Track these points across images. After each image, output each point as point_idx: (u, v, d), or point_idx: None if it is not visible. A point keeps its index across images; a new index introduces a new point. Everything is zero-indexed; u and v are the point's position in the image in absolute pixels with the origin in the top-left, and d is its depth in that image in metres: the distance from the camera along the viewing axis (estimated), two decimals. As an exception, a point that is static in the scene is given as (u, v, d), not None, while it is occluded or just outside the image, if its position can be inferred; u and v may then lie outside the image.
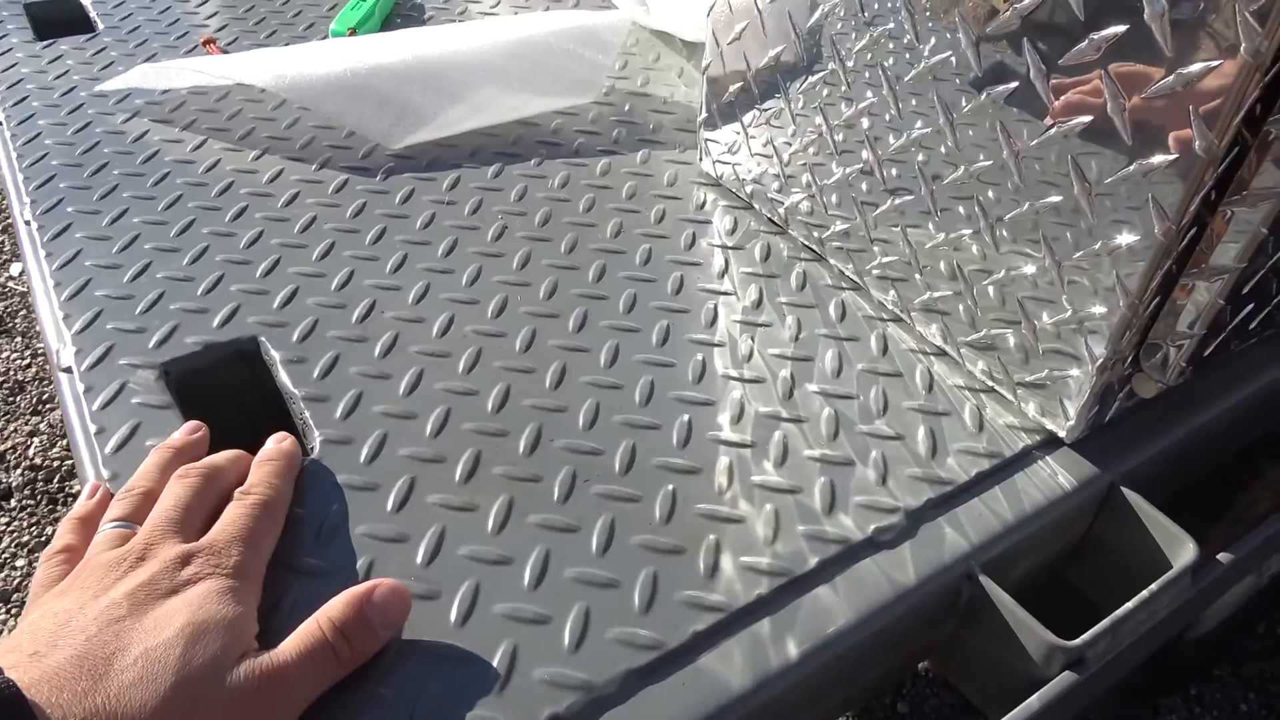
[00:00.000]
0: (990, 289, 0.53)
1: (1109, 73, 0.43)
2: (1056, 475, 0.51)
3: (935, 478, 0.51)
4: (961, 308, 0.56)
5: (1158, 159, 0.42)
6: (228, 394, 0.59)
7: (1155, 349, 0.50)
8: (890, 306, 0.62)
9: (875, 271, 0.61)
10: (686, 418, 0.54)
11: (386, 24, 0.98)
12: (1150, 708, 1.55)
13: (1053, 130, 0.46)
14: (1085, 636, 0.44)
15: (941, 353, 0.59)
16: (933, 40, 0.50)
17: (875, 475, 0.51)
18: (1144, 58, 0.41)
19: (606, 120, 0.82)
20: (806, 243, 0.67)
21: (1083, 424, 0.52)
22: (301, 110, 0.81)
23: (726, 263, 0.66)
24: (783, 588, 0.45)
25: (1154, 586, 0.47)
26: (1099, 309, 0.47)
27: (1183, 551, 0.48)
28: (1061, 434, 0.53)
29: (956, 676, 0.53)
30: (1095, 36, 0.42)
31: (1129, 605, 0.46)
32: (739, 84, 0.66)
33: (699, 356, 0.58)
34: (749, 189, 0.70)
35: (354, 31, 0.93)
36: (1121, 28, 0.41)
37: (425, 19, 0.98)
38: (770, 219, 0.70)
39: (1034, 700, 0.43)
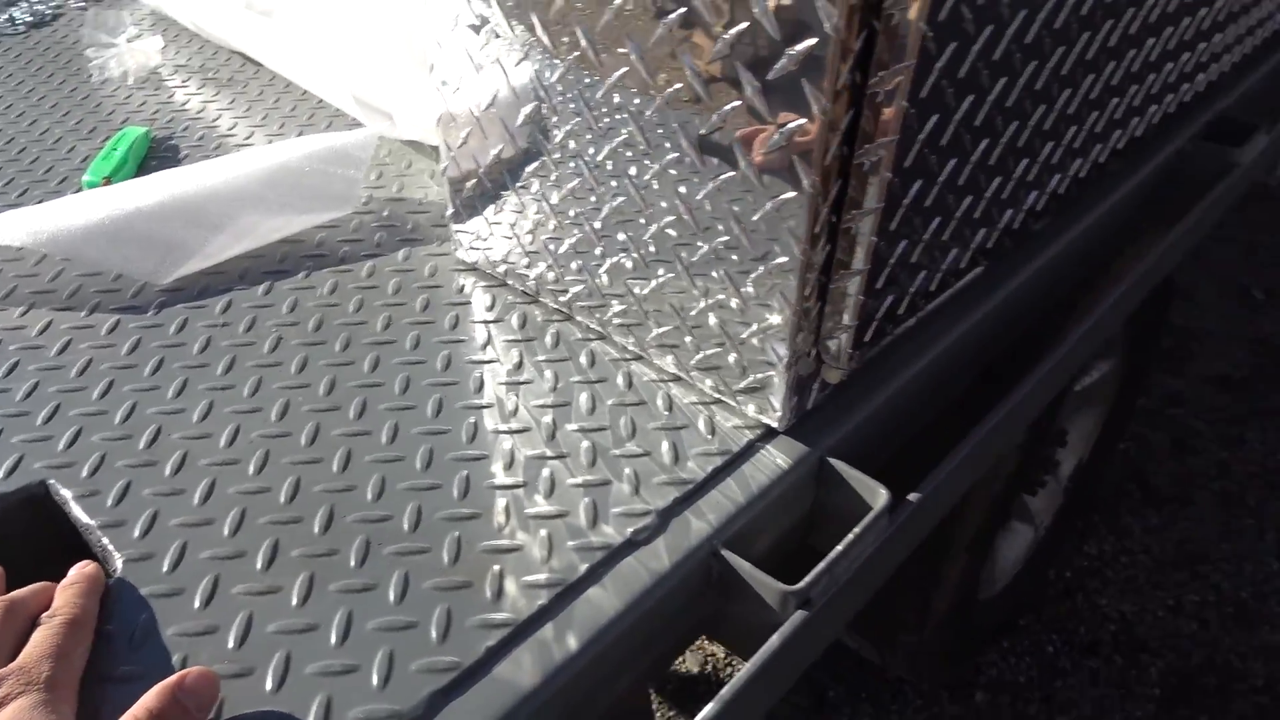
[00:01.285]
0: (706, 318, 0.64)
1: (737, 138, 0.54)
2: (775, 459, 0.62)
3: (679, 480, 0.60)
4: (687, 339, 0.66)
5: (785, 196, 0.54)
6: (22, 539, 0.61)
7: (829, 343, 0.62)
8: (631, 348, 0.72)
9: (615, 321, 0.71)
10: (465, 473, 0.61)
11: (143, 168, 1.01)
12: (973, 667, 1.72)
13: (710, 185, 0.57)
14: (807, 579, 0.54)
15: (677, 378, 0.69)
16: (613, 122, 0.61)
17: (629, 488, 0.60)
18: (757, 121, 0.53)
19: (368, 227, 0.90)
20: (556, 306, 0.77)
21: (789, 414, 0.63)
22: (64, 261, 0.84)
23: (489, 335, 0.74)
24: (560, 595, 0.53)
25: (857, 529, 0.58)
26: (775, 319, 0.59)
27: (878, 498, 0.60)
28: (775, 425, 0.64)
29: (727, 641, 0.62)
30: (791, 52, 0.53)
31: (839, 547, 0.57)
32: (474, 180, 0.76)
33: (471, 419, 0.66)
34: (501, 268, 0.79)
35: (109, 180, 0.96)
36: (812, 40, 0.52)
37: (181, 158, 1.03)
38: (523, 291, 0.79)
39: (775, 638, 0.53)
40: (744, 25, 0.50)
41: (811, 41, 0.48)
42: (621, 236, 0.66)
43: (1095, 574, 1.88)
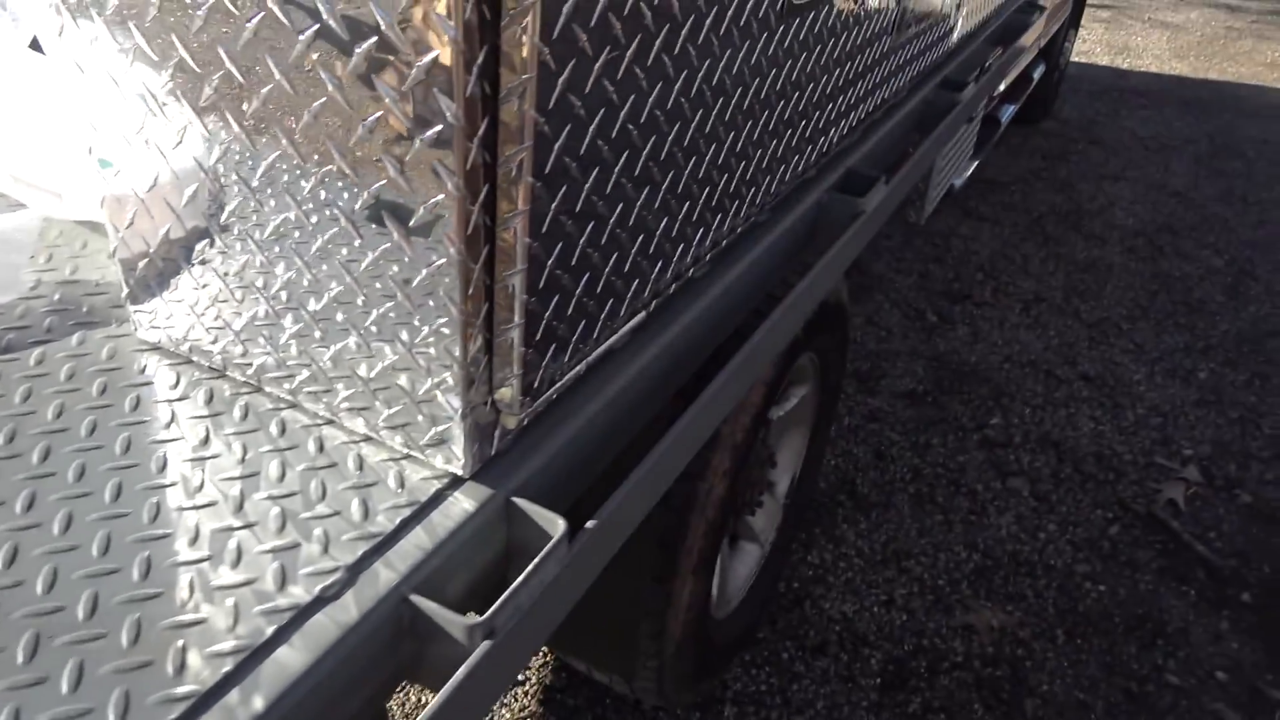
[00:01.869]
0: (388, 378, 0.68)
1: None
2: (462, 504, 0.67)
3: (368, 534, 0.63)
4: (377, 401, 0.70)
5: (437, 262, 0.59)
6: None
7: (501, 392, 0.68)
8: (322, 413, 0.74)
9: (305, 389, 0.73)
10: (146, 554, 0.61)
11: None
12: (720, 685, 1.83)
13: (370, 255, 0.62)
14: (489, 611, 0.59)
15: (368, 438, 0.72)
16: (276, 199, 0.64)
17: (319, 548, 0.62)
18: (405, 196, 0.58)
19: (37, 312, 0.85)
20: (244, 379, 0.77)
21: (472, 460, 0.68)
22: None
23: (173, 414, 0.74)
24: (245, 660, 0.54)
25: (537, 558, 0.63)
26: (447, 375, 0.64)
27: (556, 528, 0.66)
28: (460, 472, 0.69)
29: (425, 681, 0.66)
30: (421, 137, 0.59)
31: (520, 577, 0.62)
32: (146, 260, 0.75)
33: (153, 500, 0.65)
34: (185, 345, 0.79)
35: None
36: (439, 127, 0.58)
37: None
38: (210, 366, 0.79)
39: (460, 670, 0.57)
40: (378, 114, 0.55)
41: (439, 128, 0.54)
42: (298, 307, 0.68)
43: (819, 580, 2.07)
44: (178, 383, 0.77)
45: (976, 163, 2.83)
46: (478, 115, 0.54)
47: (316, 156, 0.59)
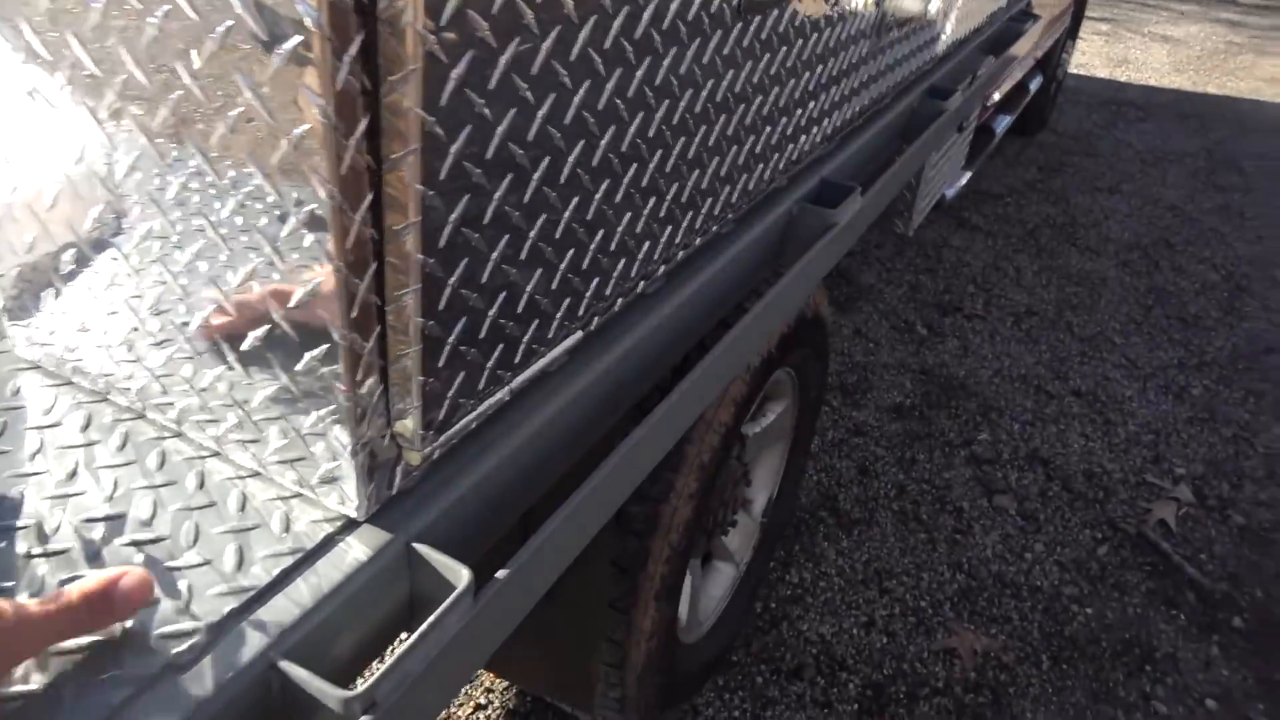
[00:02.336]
0: (273, 408, 0.60)
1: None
2: (352, 552, 0.59)
3: (239, 588, 0.56)
4: (267, 432, 0.62)
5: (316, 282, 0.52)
6: None
7: (401, 425, 0.60)
8: (210, 444, 0.66)
9: (190, 417, 0.66)
10: (-19, 610, 0.53)
11: None
12: (690, 710, 1.76)
13: (243, 269, 0.54)
14: (370, 681, 0.52)
15: (257, 474, 0.65)
16: (143, 210, 0.57)
17: (179, 604, 0.55)
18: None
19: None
20: (128, 404, 0.70)
21: (367, 501, 0.60)
22: None
23: (41, 442, 0.66)
24: (69, 746, 0.47)
25: (432, 617, 0.56)
26: (333, 406, 0.56)
27: (459, 579, 0.59)
28: (354, 515, 0.61)
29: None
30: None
31: (410, 640, 0.54)
32: (23, 272, 0.68)
33: (1, 544, 0.58)
34: (67, 366, 0.71)
35: None
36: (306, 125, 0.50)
37: None
38: (91, 389, 0.71)
39: (329, 752, 0.50)
40: (239, 111, 0.48)
41: (305, 126, 0.46)
42: (173, 327, 0.61)
43: (797, 601, 2.00)
44: (53, 406, 0.70)
45: (970, 173, 2.76)
46: (356, 111, 0.47)
47: (193, 164, 0.52)
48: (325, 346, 0.53)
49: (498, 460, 0.69)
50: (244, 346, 0.58)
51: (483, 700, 1.76)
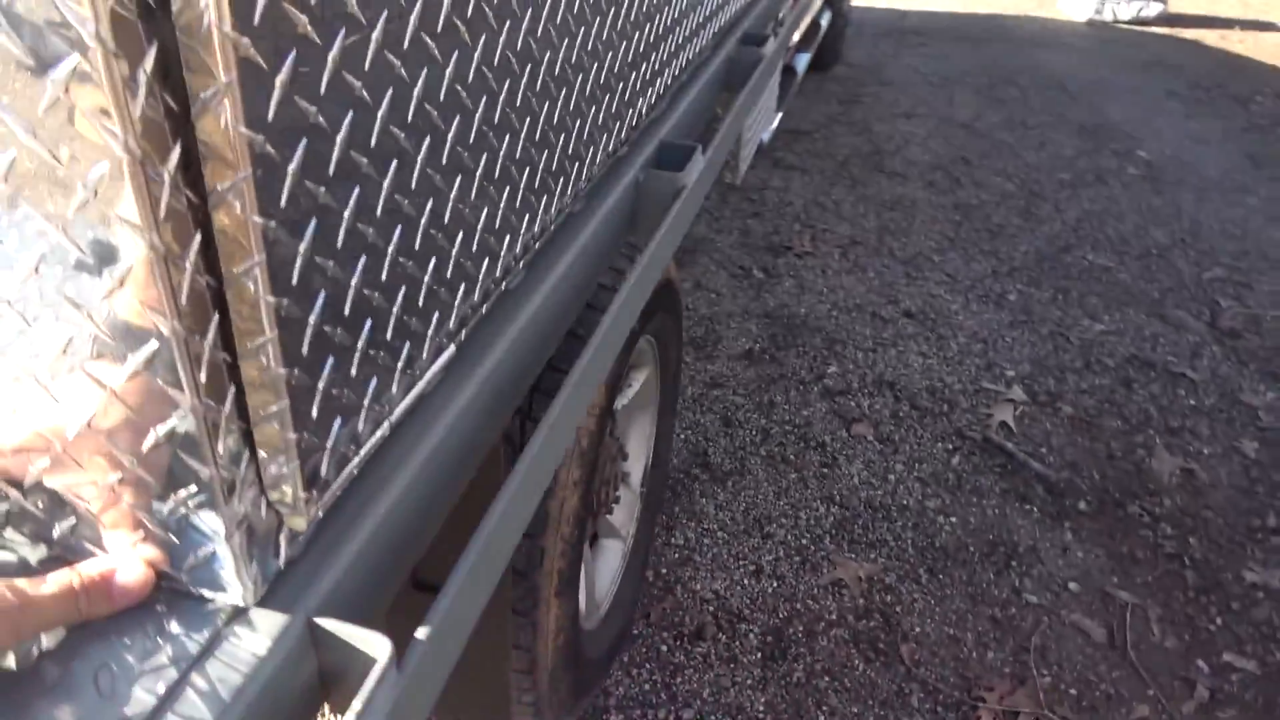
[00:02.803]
0: (115, 502, 0.51)
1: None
2: (244, 645, 0.51)
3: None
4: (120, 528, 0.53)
5: (147, 348, 0.43)
6: None
7: (279, 491, 0.52)
8: (39, 551, 0.56)
9: (11, 520, 0.55)
10: None
11: None
12: (601, 694, 1.74)
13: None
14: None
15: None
16: None
17: (45, 753, 0.45)
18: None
19: None
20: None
21: (253, 584, 0.52)
22: None
23: None
24: None
25: (357, 704, 0.49)
26: (191, 489, 0.48)
27: (379, 651, 0.52)
28: (241, 603, 0.53)
29: None
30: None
31: (337, 732, 0.48)
32: None
33: None
34: None
35: None
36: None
37: None
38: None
39: None
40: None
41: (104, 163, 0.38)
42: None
43: (686, 562, 2.01)
44: None
45: (780, 114, 2.81)
46: (165, 139, 0.39)
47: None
48: (172, 421, 0.45)
49: (388, 503, 0.62)
50: (70, 435, 0.48)
51: None
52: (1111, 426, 2.38)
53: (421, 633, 0.55)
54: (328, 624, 0.53)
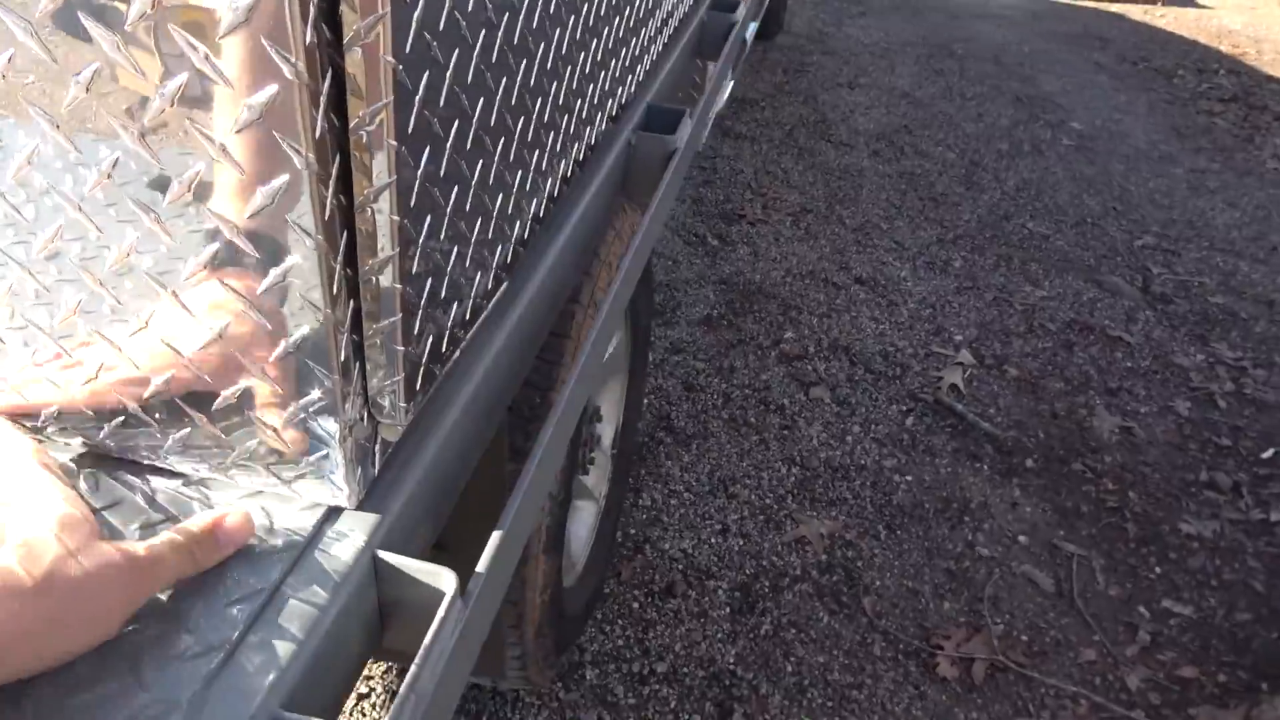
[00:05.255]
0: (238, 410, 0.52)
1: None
2: (347, 543, 0.53)
3: (208, 646, 0.49)
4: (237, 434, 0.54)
5: (289, 261, 0.45)
6: None
7: (382, 401, 0.54)
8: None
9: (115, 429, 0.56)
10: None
11: None
12: (577, 649, 1.78)
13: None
14: (391, 711, 0.47)
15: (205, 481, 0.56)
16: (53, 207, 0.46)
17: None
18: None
19: None
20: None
21: (357, 487, 0.54)
22: None
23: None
24: None
25: (428, 638, 0.51)
26: (316, 393, 0.50)
27: (445, 582, 0.54)
28: (345, 504, 0.55)
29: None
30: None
31: (416, 660, 0.50)
32: None
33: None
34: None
35: None
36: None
37: None
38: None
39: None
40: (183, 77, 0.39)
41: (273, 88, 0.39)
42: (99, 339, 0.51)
43: (655, 522, 2.05)
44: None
45: (733, 83, 2.84)
46: (319, 68, 0.40)
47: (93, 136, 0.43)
48: (305, 329, 0.47)
49: (452, 421, 0.64)
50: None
51: (364, 689, 1.68)
52: (1054, 388, 2.49)
53: (482, 565, 0.57)
54: (392, 558, 0.55)
